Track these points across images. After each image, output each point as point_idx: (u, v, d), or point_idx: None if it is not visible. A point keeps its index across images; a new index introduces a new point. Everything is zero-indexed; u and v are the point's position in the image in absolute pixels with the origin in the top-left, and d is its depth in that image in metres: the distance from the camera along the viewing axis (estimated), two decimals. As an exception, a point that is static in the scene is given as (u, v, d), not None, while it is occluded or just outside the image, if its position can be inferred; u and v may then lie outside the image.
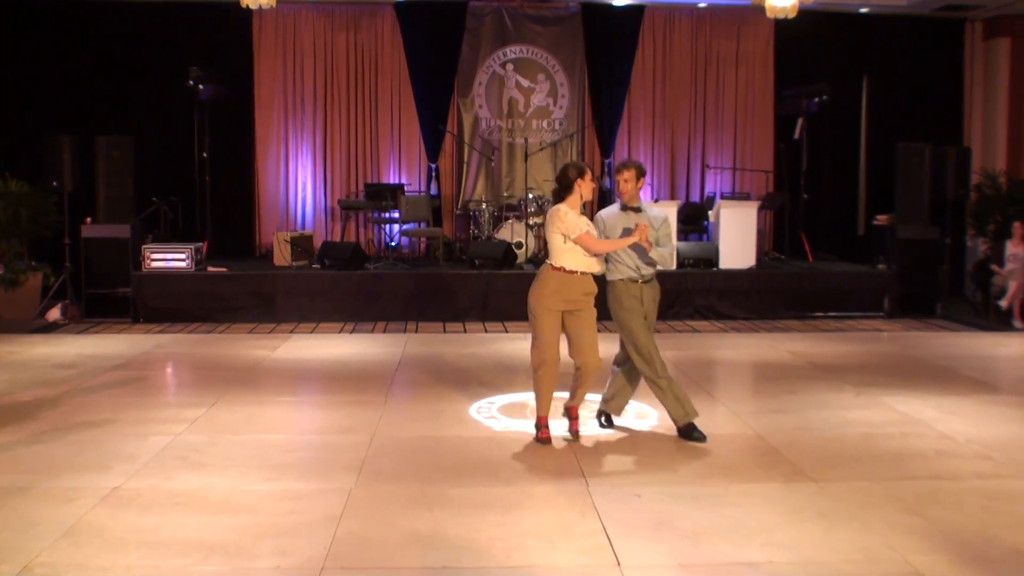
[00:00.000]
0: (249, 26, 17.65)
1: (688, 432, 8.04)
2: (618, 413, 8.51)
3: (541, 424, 7.93)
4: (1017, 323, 14.53)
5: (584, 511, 6.25)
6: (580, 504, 6.38)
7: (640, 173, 8.11)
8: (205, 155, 16.68)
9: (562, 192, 7.91)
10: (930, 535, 5.86)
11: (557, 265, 7.75)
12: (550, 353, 7.75)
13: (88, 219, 14.95)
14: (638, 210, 8.06)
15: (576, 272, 7.73)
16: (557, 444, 7.86)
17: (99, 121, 16.25)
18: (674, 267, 8.24)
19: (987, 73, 18.76)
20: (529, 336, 7.88)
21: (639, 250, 7.93)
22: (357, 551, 5.58)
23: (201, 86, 16.12)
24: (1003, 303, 14.70)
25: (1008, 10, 17.93)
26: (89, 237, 14.74)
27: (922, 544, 5.71)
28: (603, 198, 17.94)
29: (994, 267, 15.25)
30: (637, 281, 8.03)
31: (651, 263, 8.06)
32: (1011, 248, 15.08)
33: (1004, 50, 18.38)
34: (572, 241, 7.69)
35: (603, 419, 8.50)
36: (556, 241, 7.75)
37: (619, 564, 5.41)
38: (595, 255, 7.79)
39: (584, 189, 7.86)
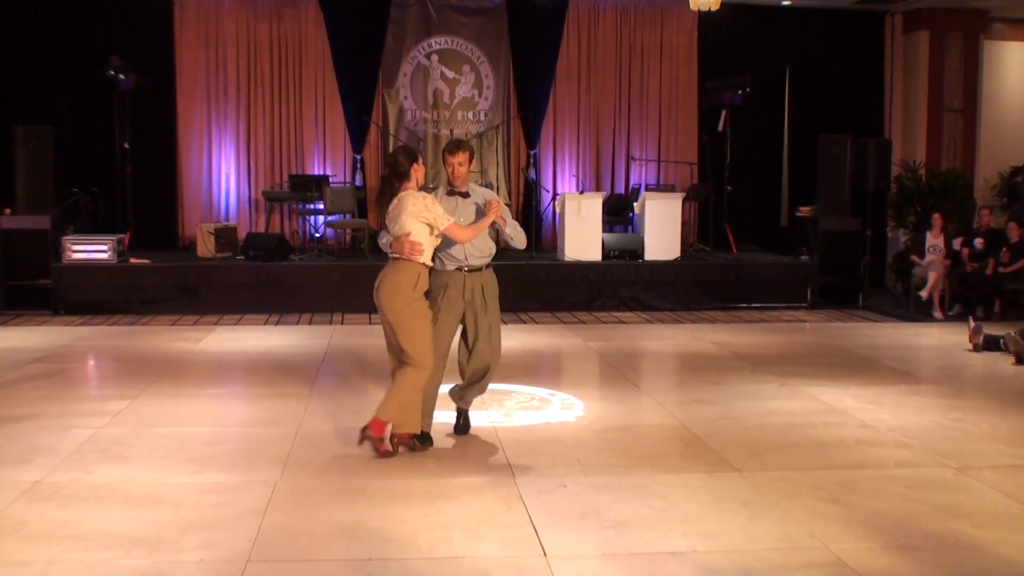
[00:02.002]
0: (170, 15, 17.42)
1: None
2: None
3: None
4: (937, 314, 14.74)
5: (510, 502, 6.25)
6: (506, 495, 6.38)
7: (472, 155, 7.52)
8: (127, 145, 16.45)
9: (398, 179, 7.20)
10: (851, 523, 5.93)
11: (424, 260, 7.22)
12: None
13: (7, 210, 14.73)
14: (466, 195, 7.52)
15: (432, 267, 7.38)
16: (484, 435, 7.85)
17: (17, 110, 15.94)
18: (524, 246, 7.78)
19: (907, 66, 19.02)
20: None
21: (481, 236, 7.45)
22: (282, 544, 5.55)
23: (122, 76, 15.85)
24: (923, 294, 14.91)
25: (927, 3, 18.20)
26: (8, 228, 14.52)
27: (843, 531, 5.78)
28: (528, 189, 18.02)
29: (914, 258, 15.46)
30: (463, 270, 7.49)
31: (484, 253, 7.56)
32: (931, 239, 15.31)
33: (923, 43, 18.65)
34: (440, 232, 7.17)
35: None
36: (422, 232, 7.14)
37: (545, 554, 5.42)
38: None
39: (419, 175, 7.23)
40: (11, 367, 10.44)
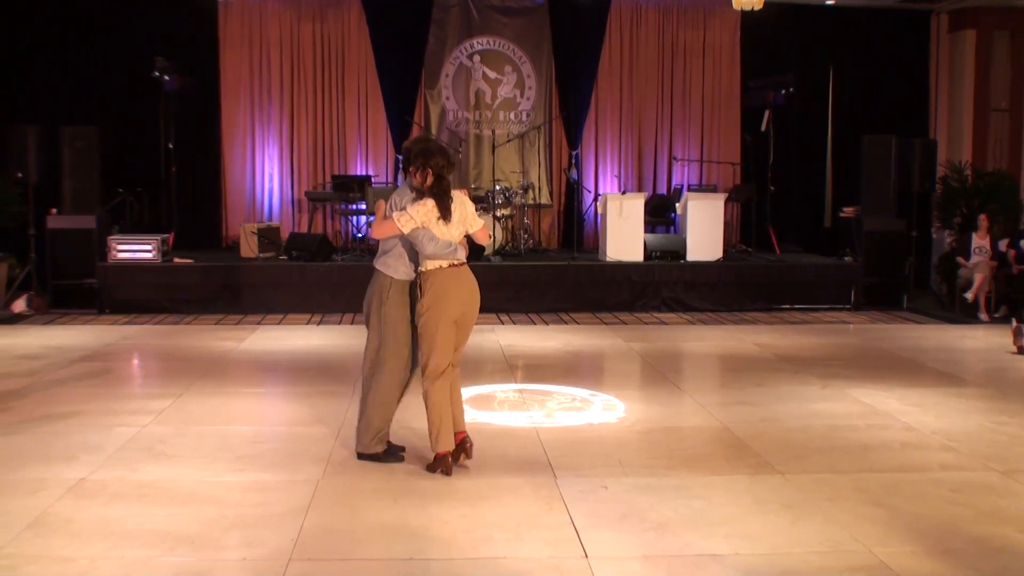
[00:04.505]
0: (215, 17, 17.54)
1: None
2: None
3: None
4: (982, 315, 14.62)
5: (551, 502, 6.25)
6: (547, 496, 6.38)
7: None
8: (171, 146, 16.58)
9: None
10: (894, 526, 5.89)
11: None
12: None
13: (54, 210, 14.86)
14: None
15: None
16: (524, 436, 7.85)
17: (64, 112, 16.10)
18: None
19: (953, 65, 18.84)
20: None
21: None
22: (324, 543, 5.57)
23: (167, 77, 16.00)
24: (968, 295, 14.78)
25: (974, 2, 18.04)
26: (55, 228, 14.68)
27: (886, 535, 5.75)
28: (570, 189, 18.00)
29: (960, 259, 15.33)
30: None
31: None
32: (976, 240, 15.18)
33: (970, 42, 18.46)
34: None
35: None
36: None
37: (586, 555, 5.42)
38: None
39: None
40: (57, 365, 10.54)
